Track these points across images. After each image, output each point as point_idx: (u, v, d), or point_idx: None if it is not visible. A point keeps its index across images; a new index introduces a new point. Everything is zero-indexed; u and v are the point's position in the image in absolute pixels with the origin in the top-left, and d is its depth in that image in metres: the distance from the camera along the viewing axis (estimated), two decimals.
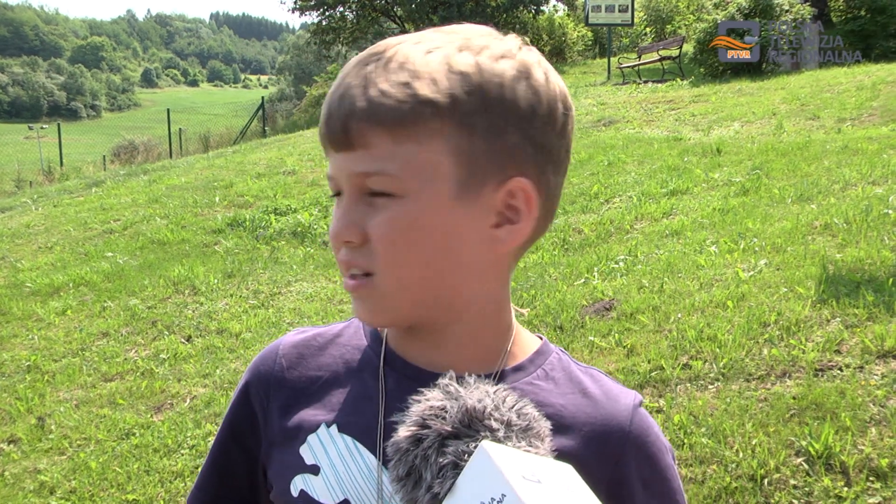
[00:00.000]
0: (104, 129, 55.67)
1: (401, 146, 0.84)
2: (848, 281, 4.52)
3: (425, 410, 0.80)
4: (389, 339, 0.99)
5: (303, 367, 1.01)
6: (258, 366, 1.04)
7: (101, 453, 4.16)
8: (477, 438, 0.76)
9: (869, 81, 11.82)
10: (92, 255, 7.99)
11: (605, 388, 0.99)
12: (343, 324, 1.06)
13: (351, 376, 0.98)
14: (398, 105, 0.83)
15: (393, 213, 0.85)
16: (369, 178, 0.85)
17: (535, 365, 0.99)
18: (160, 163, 16.78)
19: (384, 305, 0.90)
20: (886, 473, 2.98)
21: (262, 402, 1.01)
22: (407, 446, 0.78)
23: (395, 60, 0.85)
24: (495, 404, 0.80)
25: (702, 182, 7.62)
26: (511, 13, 28.95)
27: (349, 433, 0.93)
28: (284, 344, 1.04)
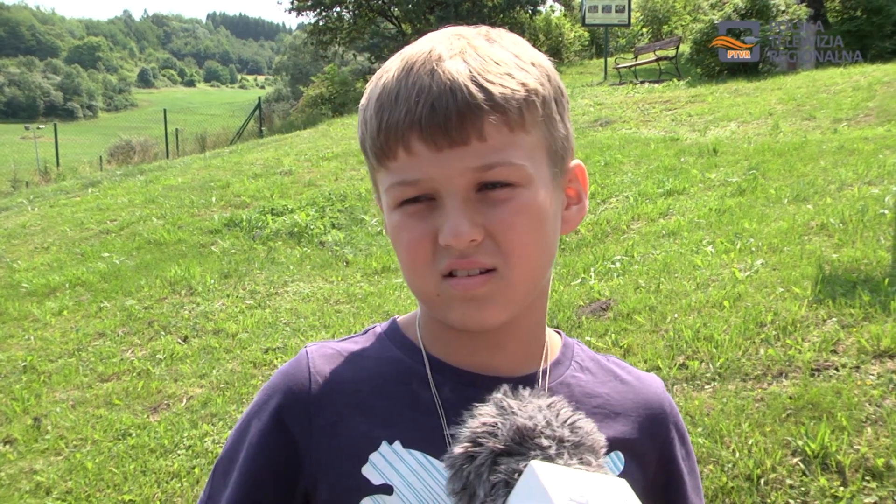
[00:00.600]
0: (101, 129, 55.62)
1: (516, 136, 0.86)
2: (844, 281, 4.52)
3: (478, 427, 0.79)
4: (429, 347, 0.97)
5: (340, 382, 0.95)
6: (289, 385, 0.96)
7: (98, 454, 4.15)
8: (528, 456, 0.76)
9: (865, 82, 11.83)
10: (88, 255, 7.98)
11: (633, 373, 1.05)
12: (361, 337, 1.03)
13: (397, 389, 0.95)
14: (513, 95, 0.85)
15: (518, 202, 0.86)
16: (491, 170, 0.84)
17: (568, 358, 1.02)
18: (157, 163, 16.77)
19: (512, 298, 0.89)
20: (882, 473, 2.99)
21: (303, 422, 0.93)
22: (461, 462, 0.78)
23: (478, 56, 0.86)
24: (547, 420, 0.79)
25: (698, 182, 7.63)
26: (508, 13, 28.96)
27: (417, 448, 0.90)
28: (314, 361, 0.98)
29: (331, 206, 8.76)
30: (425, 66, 0.86)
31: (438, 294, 0.88)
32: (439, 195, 0.86)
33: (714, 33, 16.18)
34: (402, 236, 0.88)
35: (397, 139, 0.85)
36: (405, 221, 0.87)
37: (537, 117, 0.88)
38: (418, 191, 0.86)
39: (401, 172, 0.86)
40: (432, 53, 0.87)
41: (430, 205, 0.86)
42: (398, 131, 0.85)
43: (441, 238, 0.85)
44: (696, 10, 25.97)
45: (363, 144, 0.92)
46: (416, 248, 0.87)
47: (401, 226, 0.88)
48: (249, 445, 0.95)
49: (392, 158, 0.86)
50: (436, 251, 0.86)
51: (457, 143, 0.83)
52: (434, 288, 0.88)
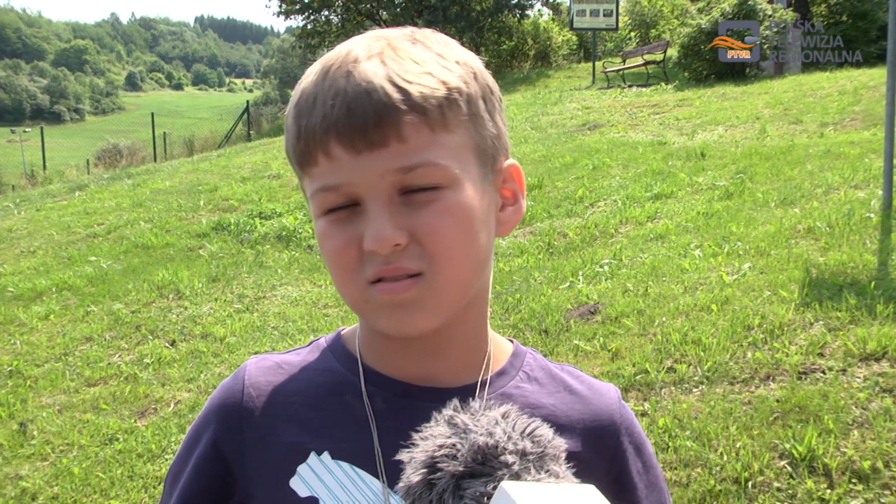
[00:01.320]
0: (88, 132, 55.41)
1: (438, 135, 0.83)
2: (831, 284, 4.55)
3: (434, 451, 0.75)
4: (366, 357, 0.95)
5: (275, 394, 0.93)
6: (223, 400, 0.95)
7: (84, 459, 4.13)
8: (494, 476, 0.72)
9: (851, 86, 11.91)
10: (75, 259, 7.95)
11: (587, 383, 1.00)
12: (304, 349, 1.00)
13: (331, 400, 0.92)
14: (433, 93, 0.82)
15: (443, 204, 0.83)
16: (412, 171, 0.81)
17: (515, 367, 0.98)
18: (144, 167, 16.73)
19: (440, 304, 0.85)
20: (868, 475, 3.00)
21: (236, 438, 0.92)
22: (420, 490, 0.74)
23: (397, 57, 0.84)
24: (507, 434, 0.76)
25: (686, 186, 7.65)
26: (496, 17, 29.03)
27: (346, 459, 0.88)
28: (251, 374, 0.96)
29: None
30: (341, 68, 0.83)
31: (366, 301, 0.85)
32: (362, 200, 0.83)
33: (701, 37, 16.26)
34: (326, 244, 0.86)
35: (316, 144, 0.83)
36: (329, 229, 0.85)
37: (461, 116, 0.85)
38: (340, 196, 0.83)
39: (322, 178, 0.84)
40: (349, 55, 0.84)
41: (355, 210, 0.83)
42: (316, 136, 0.82)
43: (364, 244, 0.82)
44: (683, 15, 26.10)
45: (287, 153, 0.89)
46: (341, 256, 0.84)
47: (325, 233, 0.85)
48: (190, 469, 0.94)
49: (313, 164, 0.84)
50: (361, 258, 0.83)
51: (375, 145, 0.80)
52: (361, 295, 0.85)
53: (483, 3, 28.93)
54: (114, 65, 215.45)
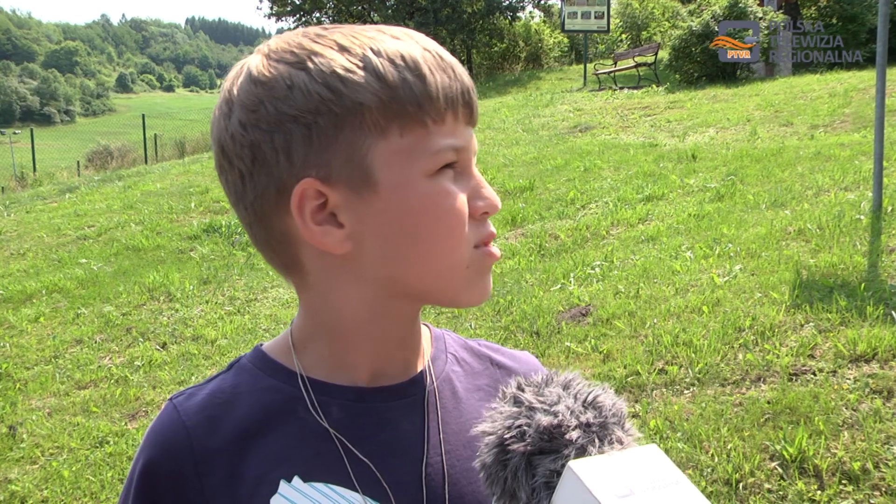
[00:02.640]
0: (78, 134, 55.22)
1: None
2: (821, 286, 4.56)
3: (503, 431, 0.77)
4: (308, 369, 0.90)
5: (222, 428, 0.87)
6: (168, 449, 0.86)
7: (75, 462, 4.12)
8: (562, 454, 0.74)
9: (841, 88, 11.96)
10: (65, 261, 7.92)
11: (507, 354, 1.03)
12: (228, 374, 0.94)
13: (282, 420, 0.87)
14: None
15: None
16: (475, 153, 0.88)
17: (442, 351, 0.98)
18: (135, 168, 16.67)
19: None
20: (858, 476, 3.01)
21: (196, 488, 0.85)
22: (495, 469, 0.77)
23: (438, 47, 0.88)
24: (570, 409, 0.77)
25: (677, 188, 7.67)
26: (487, 19, 29.07)
27: (318, 479, 0.85)
28: (186, 413, 0.88)
29: None
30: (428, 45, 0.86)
31: (468, 266, 0.85)
32: (466, 167, 0.85)
33: (692, 39, 16.31)
34: (445, 203, 0.82)
35: (448, 104, 0.82)
36: (448, 188, 0.83)
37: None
38: (457, 157, 0.83)
39: (449, 137, 0.83)
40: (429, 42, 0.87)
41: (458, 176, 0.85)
42: (450, 97, 0.82)
43: (483, 206, 0.85)
44: (674, 17, 26.18)
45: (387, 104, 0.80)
46: (461, 217, 0.83)
47: (446, 191, 0.82)
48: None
49: (439, 122, 0.82)
50: (469, 222, 0.84)
51: (474, 122, 0.87)
52: (466, 259, 0.84)
53: (474, 5, 28.96)
54: (104, 66, 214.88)
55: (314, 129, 0.80)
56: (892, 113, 9.22)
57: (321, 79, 0.80)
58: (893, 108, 9.57)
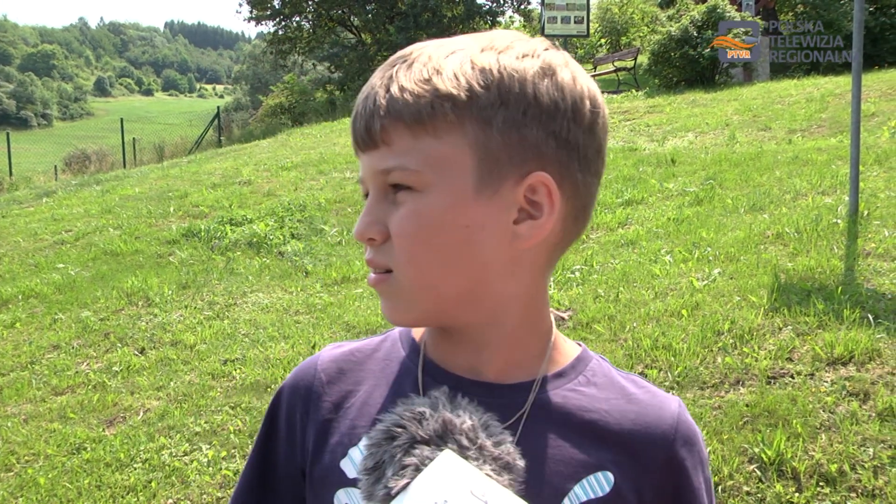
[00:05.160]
0: (55, 138, 54.81)
1: (420, 141, 0.85)
2: (799, 289, 4.59)
3: (405, 412, 0.82)
4: (428, 349, 0.98)
5: (343, 381, 1.00)
6: (296, 380, 1.03)
7: (51, 469, 4.07)
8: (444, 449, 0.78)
9: (818, 93, 12.06)
10: (42, 266, 7.85)
11: (650, 391, 0.99)
12: (380, 337, 1.06)
13: (390, 388, 0.97)
14: (416, 100, 0.84)
15: (412, 207, 0.86)
16: (391, 173, 0.86)
17: (577, 371, 0.98)
18: (113, 173, 16.57)
19: (405, 302, 0.91)
20: (836, 478, 3.03)
21: (303, 417, 1.00)
22: (379, 440, 0.80)
23: (419, 61, 0.87)
24: (474, 426, 0.81)
25: (657, 192, 7.71)
26: (467, 24, 29.10)
27: None
28: (323, 359, 1.03)
29: (290, 217, 8.71)
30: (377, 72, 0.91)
31: None
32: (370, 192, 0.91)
33: (671, 44, 16.40)
34: None
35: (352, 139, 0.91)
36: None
37: (448, 121, 0.84)
38: (363, 189, 0.92)
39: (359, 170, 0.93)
40: (389, 59, 0.91)
41: None
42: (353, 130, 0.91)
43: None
44: (653, 22, 26.32)
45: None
46: (357, 239, 0.91)
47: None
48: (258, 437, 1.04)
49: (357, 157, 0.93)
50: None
51: (368, 146, 0.88)
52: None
53: (454, 10, 29.02)
54: (82, 70, 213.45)
55: None
56: (867, 118, 9.32)
57: None
58: (869, 113, 9.68)
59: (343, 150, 12.69)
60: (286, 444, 1.01)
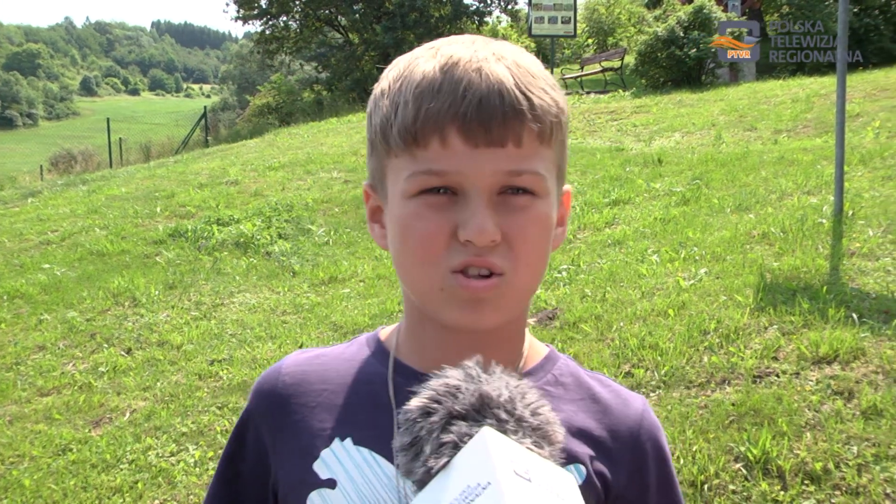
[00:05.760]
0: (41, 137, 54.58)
1: (543, 149, 0.89)
2: (785, 289, 4.62)
3: (440, 386, 0.81)
4: (402, 352, 0.99)
5: (307, 384, 1.00)
6: (261, 386, 1.03)
7: (36, 470, 4.06)
8: (483, 424, 0.77)
9: (803, 94, 12.12)
10: (28, 266, 7.81)
11: (615, 391, 1.02)
12: (346, 343, 1.06)
13: (360, 390, 0.98)
14: (550, 110, 0.89)
15: (536, 212, 0.88)
16: (519, 176, 0.87)
17: (545, 370, 1.01)
18: (100, 172, 16.49)
19: (511, 304, 0.91)
20: (820, 477, 3.05)
21: (269, 423, 1.00)
22: (416, 417, 0.79)
23: (522, 65, 0.89)
24: (511, 396, 0.81)
25: (643, 192, 7.73)
26: (454, 24, 29.09)
27: (365, 445, 0.93)
28: (287, 363, 1.03)
29: (277, 217, 8.69)
30: (471, 63, 0.87)
31: (443, 289, 0.88)
32: (464, 191, 0.86)
33: (658, 45, 16.45)
34: (417, 225, 0.88)
35: (435, 128, 0.85)
36: (422, 211, 0.87)
37: (559, 136, 0.91)
38: (443, 182, 0.86)
39: (430, 162, 0.86)
40: (477, 53, 0.88)
41: (451, 199, 0.87)
42: (438, 121, 0.85)
43: (463, 233, 0.85)
44: (640, 23, 26.39)
45: (384, 128, 0.90)
46: (432, 239, 0.87)
47: (417, 215, 0.88)
48: (226, 446, 1.05)
49: (423, 147, 0.86)
50: (448, 246, 0.87)
51: (494, 143, 0.85)
52: (440, 282, 0.88)
53: (441, 10, 29.00)
54: (68, 69, 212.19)
55: (368, 142, 0.96)
56: (852, 118, 9.37)
57: (372, 97, 0.95)
58: (853, 113, 9.73)
59: (330, 150, 12.67)
60: (253, 451, 1.01)
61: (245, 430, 1.03)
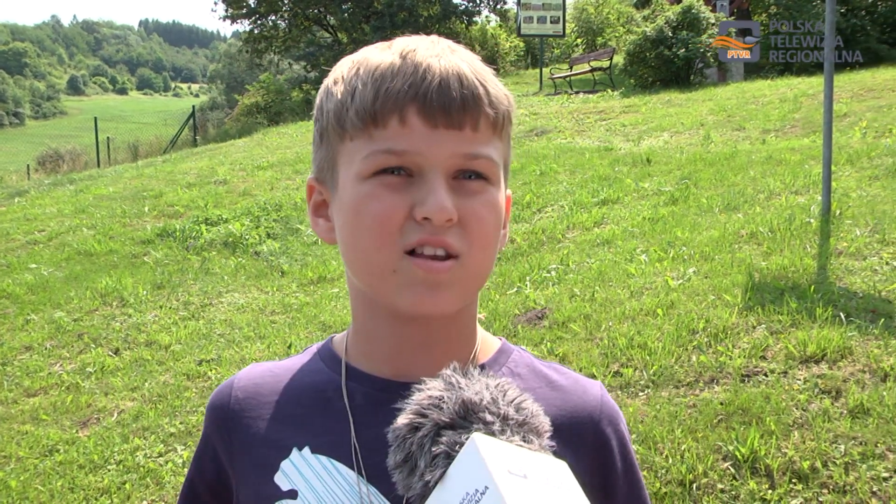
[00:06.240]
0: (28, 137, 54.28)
1: (497, 139, 0.91)
2: (773, 288, 4.63)
3: (424, 399, 0.81)
4: (351, 357, 0.99)
5: (260, 396, 1.00)
6: (214, 401, 1.03)
7: (23, 471, 4.03)
8: (471, 430, 0.78)
9: (791, 94, 12.16)
10: (15, 266, 7.77)
11: (570, 378, 1.02)
12: (298, 356, 1.06)
13: (314, 398, 0.97)
14: (503, 101, 0.91)
15: (488, 197, 0.89)
16: (475, 160, 0.88)
17: (499, 363, 1.00)
18: (87, 172, 16.42)
19: (467, 288, 0.91)
20: (808, 475, 3.06)
21: (224, 439, 1.00)
22: (405, 433, 0.80)
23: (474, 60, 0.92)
24: (493, 397, 0.82)
25: (632, 191, 7.74)
26: (444, 24, 29.08)
27: (324, 453, 0.93)
28: (240, 378, 1.03)
29: (266, 216, 8.67)
30: (429, 51, 0.88)
31: (395, 270, 0.86)
32: (421, 171, 0.86)
33: (647, 45, 16.49)
34: (371, 206, 0.86)
35: (395, 108, 0.86)
36: (378, 191, 0.86)
37: (508, 129, 0.93)
38: (401, 162, 0.86)
39: (388, 141, 0.86)
40: (433, 46, 0.90)
41: (406, 180, 0.86)
42: (398, 101, 0.85)
43: (421, 210, 0.84)
44: (629, 23, 26.45)
45: (339, 112, 0.90)
46: (387, 220, 0.86)
47: (372, 195, 0.87)
48: (193, 458, 1.05)
49: (381, 127, 0.86)
50: (403, 226, 0.86)
51: (453, 125, 0.86)
52: (393, 263, 0.86)
53: (430, 10, 28.99)
54: (55, 68, 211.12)
55: (315, 133, 0.96)
56: (839, 118, 9.41)
57: (321, 91, 0.95)
58: (841, 113, 9.77)
59: None
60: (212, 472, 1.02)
61: (203, 452, 1.03)
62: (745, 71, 16.89)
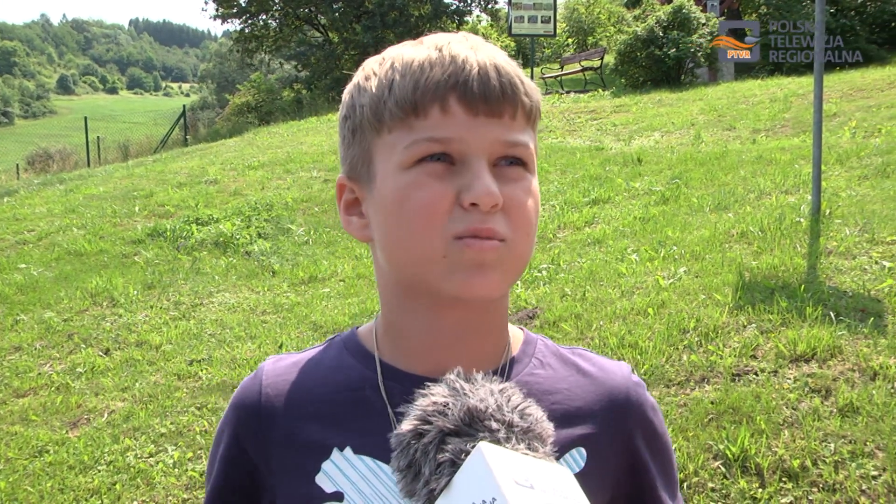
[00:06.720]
0: (17, 136, 53.98)
1: (530, 129, 0.93)
2: (763, 288, 4.65)
3: (428, 406, 0.81)
4: (384, 353, 0.98)
5: (293, 393, 0.97)
6: (242, 401, 1.00)
7: (12, 472, 4.02)
8: (476, 438, 0.78)
9: (781, 94, 12.20)
10: (4, 266, 7.73)
11: (598, 364, 1.03)
12: (320, 348, 1.04)
13: (349, 396, 0.96)
14: (535, 92, 0.93)
15: (528, 184, 0.91)
16: (516, 147, 0.89)
17: (528, 355, 1.01)
18: (77, 172, 16.37)
19: (512, 272, 0.91)
20: (798, 474, 3.07)
21: (258, 438, 0.97)
22: (409, 439, 0.80)
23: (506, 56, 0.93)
24: (498, 404, 0.81)
25: (623, 191, 7.76)
26: (434, 23, 29.07)
27: (367, 453, 0.92)
28: (266, 374, 1.00)
29: (257, 216, 8.66)
30: (463, 44, 0.90)
31: (445, 256, 0.86)
32: (464, 158, 0.87)
33: (637, 44, 16.52)
34: (416, 194, 0.87)
35: (435, 97, 0.87)
36: (422, 179, 0.87)
37: (538, 120, 0.95)
38: (444, 149, 0.87)
39: (430, 130, 0.87)
40: (466, 40, 0.92)
41: (449, 168, 0.87)
42: (439, 90, 0.87)
43: (468, 196, 0.85)
44: (620, 22, 26.50)
45: (376, 105, 0.90)
46: (434, 207, 0.86)
47: (416, 184, 0.87)
48: (217, 467, 1.01)
49: (422, 116, 0.87)
50: (450, 213, 0.86)
51: (493, 113, 0.87)
52: (442, 249, 0.86)
53: (421, 9, 28.98)
54: (45, 67, 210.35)
55: (344, 131, 0.96)
56: (829, 118, 9.45)
57: (350, 89, 0.96)
58: (830, 113, 9.81)
59: (310, 149, 12.63)
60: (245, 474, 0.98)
61: (230, 454, 0.99)
62: (736, 71, 16.93)
